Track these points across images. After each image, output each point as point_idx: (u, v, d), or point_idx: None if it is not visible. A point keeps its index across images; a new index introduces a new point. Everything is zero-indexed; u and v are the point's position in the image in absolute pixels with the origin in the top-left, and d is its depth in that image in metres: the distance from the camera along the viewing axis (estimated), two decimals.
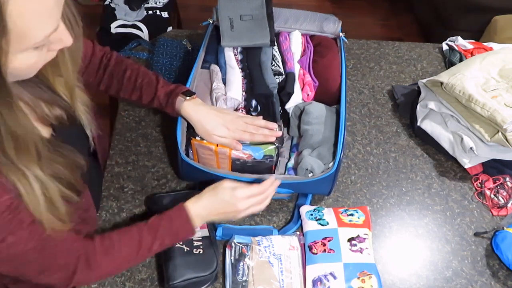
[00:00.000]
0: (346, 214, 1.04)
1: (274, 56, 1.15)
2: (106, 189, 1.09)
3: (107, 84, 1.04)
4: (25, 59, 0.61)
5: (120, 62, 1.04)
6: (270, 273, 0.93)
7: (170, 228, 0.88)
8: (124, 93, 1.04)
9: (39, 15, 0.57)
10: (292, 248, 0.98)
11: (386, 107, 1.32)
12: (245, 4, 1.19)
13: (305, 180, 1.00)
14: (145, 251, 0.86)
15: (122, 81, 1.03)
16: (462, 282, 1.00)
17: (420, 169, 1.19)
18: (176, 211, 0.89)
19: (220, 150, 0.99)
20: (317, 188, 1.06)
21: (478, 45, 1.43)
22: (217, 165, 1.03)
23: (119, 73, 1.03)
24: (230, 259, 0.95)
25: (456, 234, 1.08)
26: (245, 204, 0.91)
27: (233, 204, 0.91)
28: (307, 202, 1.08)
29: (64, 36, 0.65)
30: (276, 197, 1.08)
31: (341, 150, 0.99)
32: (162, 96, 1.01)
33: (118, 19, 2.12)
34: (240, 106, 1.09)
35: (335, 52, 1.20)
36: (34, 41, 0.59)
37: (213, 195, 0.91)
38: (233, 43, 1.15)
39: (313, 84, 1.14)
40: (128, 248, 0.85)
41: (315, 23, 1.22)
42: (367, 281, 0.93)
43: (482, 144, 1.10)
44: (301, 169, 1.01)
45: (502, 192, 1.14)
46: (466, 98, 1.10)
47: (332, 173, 0.99)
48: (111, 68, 1.03)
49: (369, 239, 1.00)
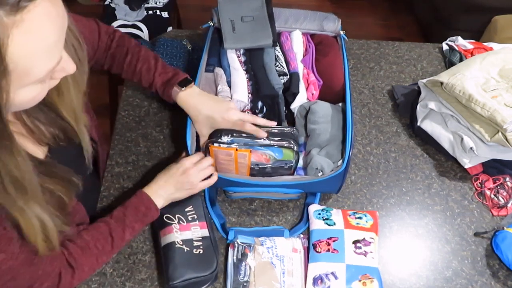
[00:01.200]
0: (354, 217, 1.04)
1: (277, 56, 1.15)
2: (106, 189, 1.09)
3: (110, 64, 1.06)
4: (28, 92, 0.61)
5: (122, 45, 1.04)
6: (272, 274, 0.93)
7: (136, 214, 0.92)
8: (126, 75, 1.06)
9: (41, 53, 0.56)
10: (295, 250, 0.97)
11: (386, 107, 1.32)
12: (245, 5, 1.19)
13: (316, 179, 0.99)
14: (118, 241, 0.89)
15: (123, 66, 1.04)
16: (462, 282, 1.00)
17: (420, 169, 1.19)
18: (136, 197, 0.94)
19: (240, 154, 0.97)
20: (327, 187, 1.06)
21: (478, 45, 1.43)
22: (235, 171, 1.02)
23: (120, 57, 1.04)
24: (233, 259, 0.95)
25: (456, 234, 1.08)
26: (194, 172, 0.95)
27: (183, 174, 0.95)
28: (316, 201, 1.08)
29: (67, 65, 0.65)
30: (285, 197, 1.08)
31: (350, 147, 0.99)
32: (158, 84, 1.02)
33: (118, 19, 2.12)
34: (246, 108, 1.09)
35: (337, 50, 1.20)
36: (36, 78, 0.58)
37: (164, 173, 0.97)
38: (236, 45, 1.15)
39: (318, 83, 1.14)
40: (101, 242, 0.87)
41: (315, 22, 1.23)
42: (368, 285, 0.93)
43: (482, 144, 1.10)
44: (311, 168, 1.01)
45: (502, 192, 1.14)
46: (466, 98, 1.10)
47: (342, 171, 0.99)
48: (113, 51, 1.03)
49: (374, 243, 1.00)
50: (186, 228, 0.96)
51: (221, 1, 1.20)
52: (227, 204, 1.09)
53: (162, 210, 0.96)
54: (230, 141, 0.97)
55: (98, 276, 0.96)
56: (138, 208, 0.92)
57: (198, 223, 0.97)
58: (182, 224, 0.96)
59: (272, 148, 0.97)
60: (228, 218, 1.07)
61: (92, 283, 0.95)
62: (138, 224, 0.92)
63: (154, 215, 0.95)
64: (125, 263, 0.98)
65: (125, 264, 0.98)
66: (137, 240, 1.01)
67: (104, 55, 1.04)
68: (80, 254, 0.84)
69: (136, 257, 0.99)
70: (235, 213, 1.07)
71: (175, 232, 0.95)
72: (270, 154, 0.98)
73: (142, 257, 0.99)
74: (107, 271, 0.97)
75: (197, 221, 0.98)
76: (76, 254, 0.84)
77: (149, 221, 0.95)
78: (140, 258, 0.99)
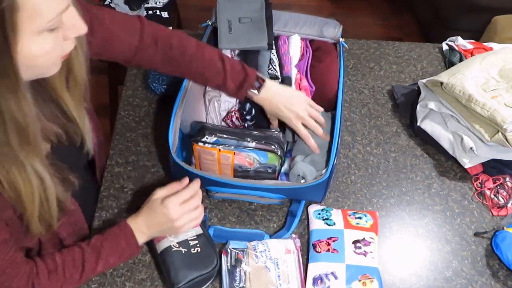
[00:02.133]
0: (354, 217, 1.04)
1: (272, 59, 1.14)
2: (106, 189, 1.09)
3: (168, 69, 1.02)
4: (41, 43, 0.61)
5: (183, 51, 0.98)
6: (267, 278, 0.93)
7: (115, 248, 0.86)
8: (188, 77, 1.05)
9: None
10: (288, 251, 0.97)
11: (386, 107, 1.32)
12: (244, 6, 1.18)
13: (297, 186, 0.99)
14: (89, 272, 0.85)
15: (187, 72, 1.02)
16: (462, 282, 1.00)
17: (420, 169, 1.19)
18: (119, 229, 0.88)
19: (223, 155, 0.98)
20: (309, 195, 1.05)
21: (478, 45, 1.43)
22: (219, 171, 1.02)
23: (182, 64, 1.00)
24: (227, 266, 0.94)
25: (456, 234, 1.08)
26: (178, 213, 0.88)
27: (166, 215, 0.87)
28: (300, 208, 1.06)
29: (77, 22, 0.65)
30: (268, 202, 1.07)
31: (334, 156, 0.98)
32: (231, 88, 1.01)
33: None
34: (234, 108, 1.08)
35: (334, 57, 1.18)
36: (46, 19, 0.59)
37: (148, 208, 0.90)
38: (230, 45, 1.14)
39: (310, 89, 1.13)
40: (70, 269, 0.83)
41: (315, 27, 1.21)
42: (368, 285, 0.93)
43: (482, 144, 1.10)
44: (292, 175, 1.01)
45: (502, 192, 1.14)
46: (466, 98, 1.10)
47: (325, 180, 0.97)
48: (172, 55, 0.98)
49: (374, 243, 1.00)
50: None
51: (221, 1, 1.20)
52: (227, 204, 1.09)
53: None
54: (215, 141, 0.97)
55: (98, 276, 0.96)
56: (118, 242, 0.87)
57: None
58: None
59: (257, 151, 0.97)
60: (228, 218, 1.07)
61: (92, 283, 0.95)
62: (114, 258, 0.87)
63: (134, 252, 0.89)
64: (125, 263, 0.98)
65: (125, 264, 0.98)
66: None
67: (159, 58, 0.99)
68: (46, 278, 0.80)
69: (136, 257, 0.99)
70: (235, 213, 1.07)
71: (168, 236, 0.94)
72: (255, 157, 0.98)
73: (142, 257, 0.99)
74: (107, 271, 0.97)
75: None
76: (42, 275, 0.80)
77: (127, 258, 0.90)
78: (140, 258, 0.99)
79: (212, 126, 1.02)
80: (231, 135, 0.99)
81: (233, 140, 0.98)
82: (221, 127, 1.05)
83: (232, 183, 1.00)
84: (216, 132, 0.99)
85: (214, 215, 1.07)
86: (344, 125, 1.27)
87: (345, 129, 1.26)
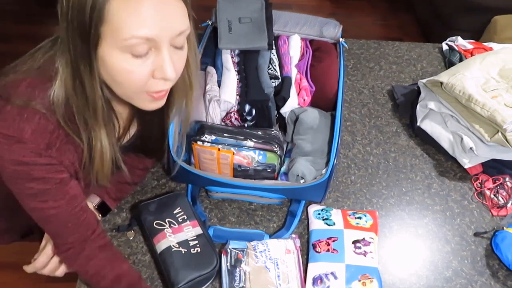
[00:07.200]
0: (354, 217, 1.04)
1: (272, 59, 1.14)
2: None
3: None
4: (120, 59, 0.66)
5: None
6: (267, 278, 0.93)
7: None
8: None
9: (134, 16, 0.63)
10: (288, 251, 0.97)
11: (386, 107, 1.32)
12: (244, 6, 1.18)
13: (297, 186, 0.99)
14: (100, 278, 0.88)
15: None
16: (462, 282, 1.00)
17: (420, 169, 1.19)
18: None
19: (222, 154, 0.98)
20: (309, 195, 1.05)
21: (478, 45, 1.43)
22: (218, 171, 1.02)
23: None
24: (226, 266, 0.94)
25: (456, 234, 1.08)
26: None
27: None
28: (300, 208, 1.06)
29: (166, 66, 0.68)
30: (268, 202, 1.07)
31: (334, 157, 0.98)
32: None
33: None
34: (233, 109, 1.08)
35: (334, 57, 1.18)
36: (122, 37, 0.63)
37: None
38: (230, 45, 1.14)
39: (310, 89, 1.13)
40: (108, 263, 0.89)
41: (315, 27, 1.21)
42: (368, 285, 0.93)
43: (482, 144, 1.10)
44: (292, 175, 1.00)
45: (502, 192, 1.14)
46: (466, 98, 1.10)
47: (325, 180, 0.97)
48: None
49: (374, 243, 1.00)
50: (179, 230, 0.96)
51: (221, 1, 1.20)
52: (226, 204, 1.09)
53: (150, 218, 0.97)
54: (214, 141, 0.97)
55: None
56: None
57: (189, 222, 0.97)
58: (174, 227, 0.96)
59: (256, 150, 0.98)
60: (228, 218, 1.07)
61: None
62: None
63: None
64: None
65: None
66: (137, 240, 1.01)
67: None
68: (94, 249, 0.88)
69: (136, 257, 0.99)
70: (235, 213, 1.07)
71: (168, 236, 0.95)
72: (254, 156, 0.98)
73: (142, 257, 0.99)
74: None
75: (188, 221, 0.97)
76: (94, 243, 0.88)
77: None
78: (140, 258, 0.99)
79: (211, 125, 1.02)
80: (230, 134, 0.99)
81: (233, 139, 0.98)
82: (220, 126, 1.04)
83: (231, 183, 1.00)
84: (215, 131, 0.99)
85: (214, 215, 1.07)
86: (344, 125, 1.27)
87: (345, 129, 1.26)
